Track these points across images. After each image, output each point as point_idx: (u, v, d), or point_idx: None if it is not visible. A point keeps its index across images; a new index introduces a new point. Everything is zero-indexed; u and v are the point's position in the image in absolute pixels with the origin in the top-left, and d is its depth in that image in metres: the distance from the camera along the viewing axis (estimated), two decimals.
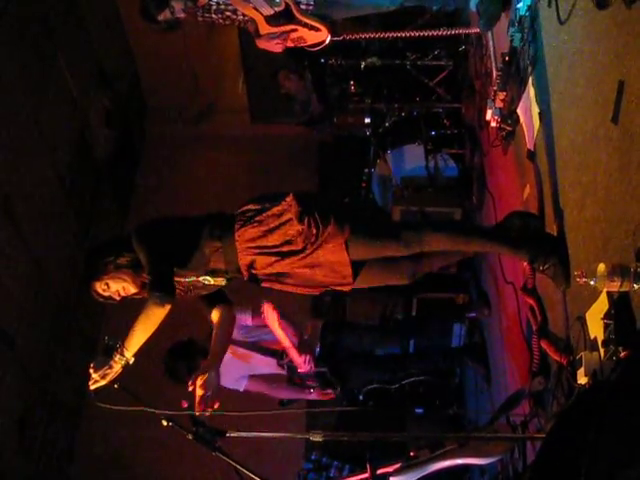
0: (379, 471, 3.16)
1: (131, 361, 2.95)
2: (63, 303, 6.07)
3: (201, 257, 3.07)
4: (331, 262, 3.06)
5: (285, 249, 3.01)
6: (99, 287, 3.10)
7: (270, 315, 4.15)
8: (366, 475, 3.13)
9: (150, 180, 7.81)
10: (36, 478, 5.67)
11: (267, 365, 4.48)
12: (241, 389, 4.50)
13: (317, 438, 2.93)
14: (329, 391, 4.42)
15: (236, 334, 4.36)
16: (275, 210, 3.02)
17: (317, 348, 4.54)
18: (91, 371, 2.93)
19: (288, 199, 3.03)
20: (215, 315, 3.42)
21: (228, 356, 4.30)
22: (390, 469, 3.27)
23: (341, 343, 4.70)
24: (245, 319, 4.49)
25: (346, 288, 3.18)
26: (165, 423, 2.92)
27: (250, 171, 7.65)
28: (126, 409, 2.91)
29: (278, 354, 4.37)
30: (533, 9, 3.45)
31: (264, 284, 3.19)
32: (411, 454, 3.39)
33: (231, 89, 7.94)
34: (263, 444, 4.63)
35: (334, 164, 7.18)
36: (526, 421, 3.41)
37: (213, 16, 3.92)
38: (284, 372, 4.48)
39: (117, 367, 2.93)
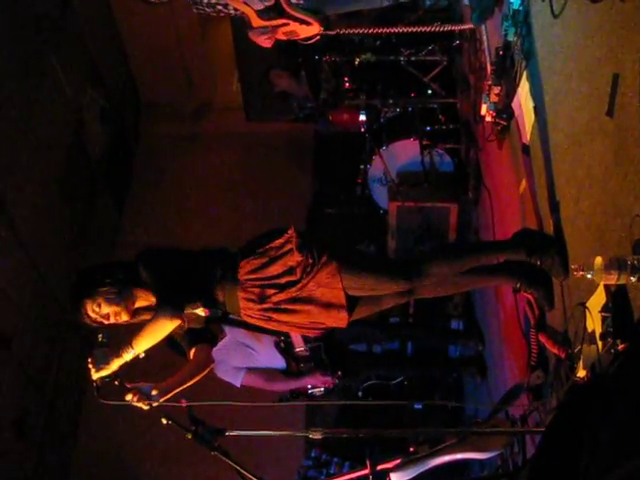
0: (379, 467, 3.16)
1: (141, 355, 2.99)
2: (60, 302, 6.05)
3: (201, 291, 3.11)
4: (327, 298, 3.10)
5: (283, 280, 3.07)
6: (90, 307, 3.05)
7: None
8: (366, 471, 3.13)
9: (145, 178, 7.79)
10: (35, 477, 5.67)
11: (269, 357, 4.43)
12: (238, 384, 4.45)
13: (317, 435, 2.93)
14: (327, 378, 4.33)
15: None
16: (277, 242, 3.11)
17: None
18: (90, 365, 2.96)
19: (290, 232, 3.13)
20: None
21: (232, 342, 4.26)
22: (390, 465, 3.27)
23: (338, 338, 4.67)
24: None
25: (341, 324, 3.19)
26: (164, 421, 2.92)
27: (245, 169, 7.63)
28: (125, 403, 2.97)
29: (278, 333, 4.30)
30: (527, 3, 3.45)
31: (259, 322, 3.21)
32: (411, 450, 3.39)
33: (226, 87, 7.92)
34: (263, 442, 4.65)
35: (330, 161, 7.17)
36: (525, 415, 3.42)
37: (206, 9, 3.96)
38: (282, 365, 4.44)
39: (114, 366, 2.96)
